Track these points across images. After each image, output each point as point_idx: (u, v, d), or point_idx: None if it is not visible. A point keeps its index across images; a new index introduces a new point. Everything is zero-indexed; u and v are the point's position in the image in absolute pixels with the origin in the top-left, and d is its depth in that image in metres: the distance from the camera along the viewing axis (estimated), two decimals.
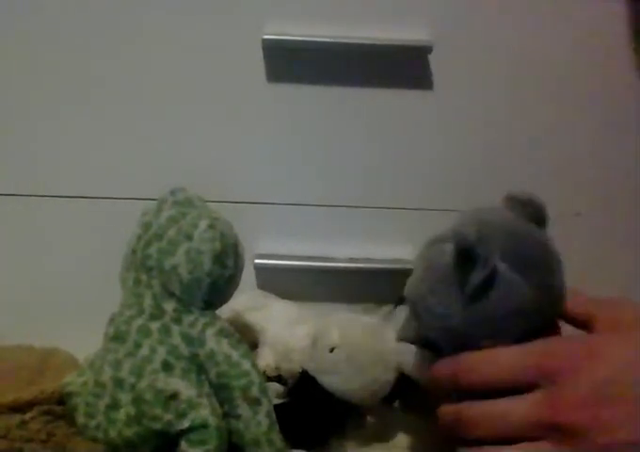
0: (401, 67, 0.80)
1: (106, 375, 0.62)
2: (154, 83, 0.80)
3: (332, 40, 0.78)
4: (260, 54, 0.79)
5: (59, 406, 0.66)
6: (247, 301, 0.80)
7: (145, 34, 0.78)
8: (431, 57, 0.80)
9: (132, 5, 0.77)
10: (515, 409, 0.47)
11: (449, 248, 0.52)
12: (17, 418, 0.62)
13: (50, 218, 0.83)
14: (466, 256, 0.49)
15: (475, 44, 0.80)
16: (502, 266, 0.50)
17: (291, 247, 0.85)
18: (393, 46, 0.79)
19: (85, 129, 0.81)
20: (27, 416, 0.63)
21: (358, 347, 0.67)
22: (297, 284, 0.86)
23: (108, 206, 0.83)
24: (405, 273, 0.83)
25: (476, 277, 0.49)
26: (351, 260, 0.84)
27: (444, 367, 0.53)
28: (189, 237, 0.62)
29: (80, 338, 0.72)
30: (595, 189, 0.85)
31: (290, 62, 0.79)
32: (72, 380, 0.66)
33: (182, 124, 0.81)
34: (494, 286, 0.49)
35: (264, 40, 0.77)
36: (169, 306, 0.63)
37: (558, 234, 0.57)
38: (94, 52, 0.78)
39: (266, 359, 0.74)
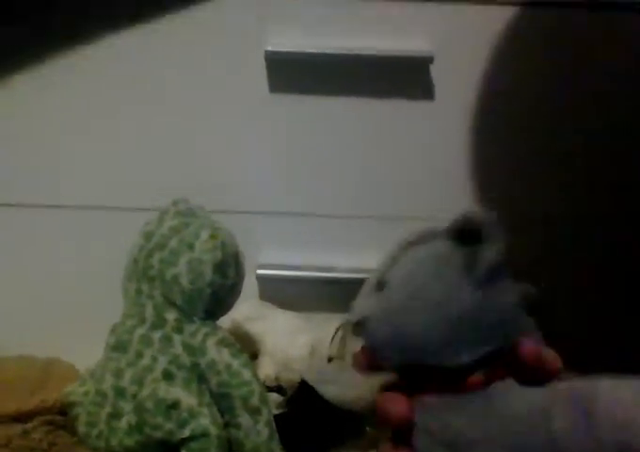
0: (403, 77, 0.81)
1: (108, 384, 0.63)
2: (157, 95, 0.80)
3: (334, 51, 0.78)
4: (262, 65, 0.79)
5: (61, 416, 0.67)
6: (247, 311, 0.80)
7: (147, 48, 0.79)
8: (432, 68, 0.80)
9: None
10: None
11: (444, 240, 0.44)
12: (19, 428, 0.63)
13: (51, 228, 0.84)
14: (475, 237, 0.42)
15: (476, 55, 0.80)
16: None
17: (293, 257, 0.85)
18: (395, 57, 0.79)
19: (88, 141, 0.82)
20: (29, 426, 0.63)
21: None
22: (300, 294, 0.86)
23: (110, 216, 0.83)
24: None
25: (489, 256, 0.42)
26: (353, 270, 0.84)
27: None
28: (191, 247, 0.62)
29: (80, 349, 0.73)
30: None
31: (292, 73, 0.80)
32: (73, 390, 0.66)
33: (184, 135, 0.82)
34: (500, 276, 0.43)
35: (266, 52, 0.78)
36: (171, 316, 0.63)
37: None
38: (94, 64, 0.79)
39: (266, 369, 0.74)
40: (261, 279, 0.84)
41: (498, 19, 0.79)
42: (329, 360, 0.67)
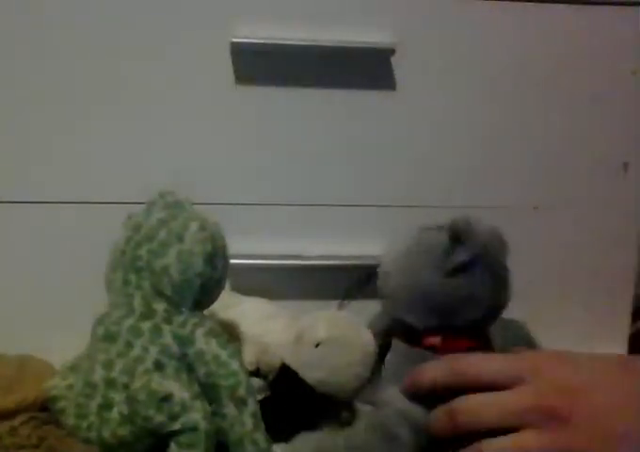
0: (365, 68, 0.83)
1: (98, 375, 0.62)
2: (124, 92, 0.80)
3: (299, 42, 0.79)
4: (228, 56, 0.80)
5: (43, 412, 0.66)
6: (220, 300, 0.80)
7: (116, 42, 0.79)
8: (394, 59, 0.82)
9: (107, 12, 0.78)
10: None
11: (442, 234, 0.62)
12: (6, 425, 0.62)
13: (23, 224, 0.83)
14: (457, 238, 0.60)
15: (437, 46, 0.83)
16: (480, 259, 0.61)
17: (262, 246, 0.85)
18: (358, 48, 0.81)
19: (60, 136, 0.81)
20: (16, 422, 0.63)
21: (343, 343, 0.69)
22: (270, 283, 0.87)
23: (78, 211, 0.83)
24: (375, 269, 0.86)
25: (459, 256, 0.60)
26: (322, 257, 0.86)
27: (438, 368, 0.57)
28: (180, 239, 0.62)
29: (52, 344, 0.73)
30: (552, 184, 0.89)
31: (257, 65, 0.81)
32: (56, 384, 0.66)
33: (150, 127, 0.82)
34: (469, 270, 0.60)
35: (232, 44, 0.78)
36: (160, 306, 0.63)
37: (517, 227, 0.61)
38: (67, 57, 0.79)
39: (245, 354, 0.75)
40: (230, 268, 0.84)
41: (459, 11, 0.82)
42: (317, 345, 0.69)
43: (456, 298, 0.61)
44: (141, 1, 0.78)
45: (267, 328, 0.76)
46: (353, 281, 0.83)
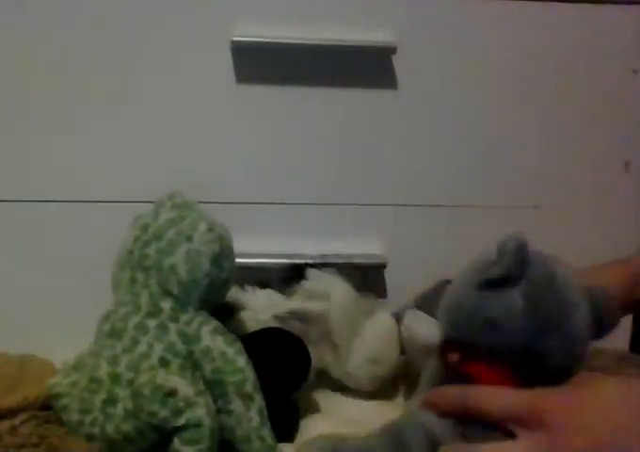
0: (366, 67, 0.82)
1: (103, 371, 0.62)
2: (122, 88, 0.80)
3: (300, 41, 0.79)
4: (229, 55, 0.80)
5: (43, 411, 0.66)
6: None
7: (118, 41, 0.78)
8: (395, 58, 0.82)
9: (108, 11, 0.78)
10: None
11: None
12: (7, 424, 0.61)
13: (27, 224, 0.82)
14: (502, 253, 0.56)
15: (438, 45, 0.83)
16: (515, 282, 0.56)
17: (262, 246, 0.85)
18: (359, 47, 0.81)
19: (66, 136, 0.81)
20: (17, 421, 0.62)
21: None
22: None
23: (72, 211, 0.82)
24: (374, 268, 0.86)
25: (493, 270, 0.56)
26: (322, 256, 0.85)
27: (454, 396, 0.56)
28: (189, 239, 0.63)
29: (53, 344, 0.73)
30: (553, 183, 0.89)
31: (258, 63, 0.81)
32: (58, 381, 0.66)
33: (150, 127, 0.81)
34: (501, 290, 0.56)
35: (232, 42, 0.78)
36: (166, 305, 0.64)
37: (518, 226, 0.60)
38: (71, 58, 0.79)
39: None
40: None
41: (460, 10, 0.82)
42: None
43: (476, 316, 0.57)
44: (141, 1, 0.78)
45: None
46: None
